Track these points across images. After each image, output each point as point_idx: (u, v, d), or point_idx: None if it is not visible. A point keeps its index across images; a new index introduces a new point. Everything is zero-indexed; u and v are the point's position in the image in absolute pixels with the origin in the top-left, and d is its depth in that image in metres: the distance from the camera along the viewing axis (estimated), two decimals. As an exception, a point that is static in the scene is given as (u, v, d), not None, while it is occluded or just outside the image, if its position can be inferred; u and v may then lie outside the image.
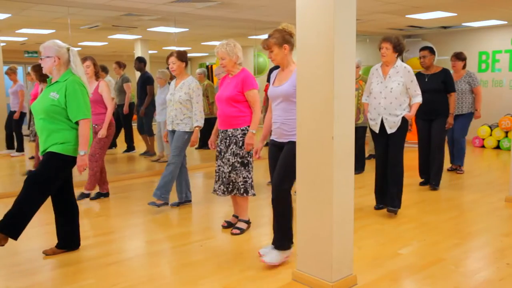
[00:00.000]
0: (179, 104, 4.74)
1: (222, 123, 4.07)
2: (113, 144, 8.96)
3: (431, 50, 5.78)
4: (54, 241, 3.98)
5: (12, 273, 3.32)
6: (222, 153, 4.09)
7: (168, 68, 5.55)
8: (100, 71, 5.34)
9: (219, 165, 4.12)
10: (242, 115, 4.00)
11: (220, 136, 4.12)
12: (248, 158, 4.05)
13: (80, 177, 5.23)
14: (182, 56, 4.75)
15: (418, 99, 4.56)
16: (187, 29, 9.24)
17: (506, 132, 9.05)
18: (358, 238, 3.91)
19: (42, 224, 4.49)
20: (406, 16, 8.14)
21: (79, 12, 7.04)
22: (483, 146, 9.35)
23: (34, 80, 8.30)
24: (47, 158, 3.43)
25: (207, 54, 13.34)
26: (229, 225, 4.31)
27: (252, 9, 7.34)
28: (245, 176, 4.03)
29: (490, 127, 9.30)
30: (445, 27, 9.90)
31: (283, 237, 3.39)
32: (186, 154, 5.07)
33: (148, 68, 8.58)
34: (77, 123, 3.48)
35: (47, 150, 3.45)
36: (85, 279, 3.20)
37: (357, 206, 4.87)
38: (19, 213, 3.34)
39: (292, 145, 3.29)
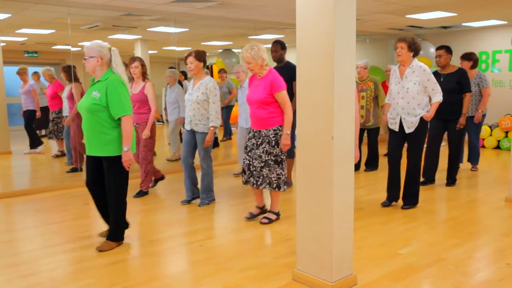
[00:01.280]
0: (196, 104, 4.80)
1: (254, 124, 4.25)
2: None
3: (448, 50, 5.72)
4: (55, 241, 3.99)
5: (12, 273, 3.32)
6: (249, 148, 4.28)
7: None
8: (146, 71, 5.50)
9: (245, 159, 4.30)
10: (273, 116, 4.16)
11: (251, 134, 4.29)
12: (282, 156, 4.22)
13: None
14: (200, 56, 4.84)
15: (437, 98, 4.61)
16: (187, 29, 9.24)
17: (506, 132, 9.05)
18: (358, 238, 3.91)
19: (43, 225, 4.49)
20: (406, 16, 8.14)
21: (79, 12, 7.04)
22: (483, 146, 9.35)
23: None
24: (107, 166, 3.67)
25: (207, 54, 13.35)
26: (252, 216, 4.47)
27: (252, 9, 7.34)
28: (279, 173, 4.21)
29: (490, 127, 9.30)
30: (445, 27, 9.91)
31: None
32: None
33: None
34: (119, 120, 3.62)
35: (99, 155, 3.65)
36: (85, 279, 3.20)
37: (357, 206, 4.87)
38: (120, 220, 3.79)
39: None
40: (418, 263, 3.40)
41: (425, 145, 6.03)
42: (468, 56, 6.43)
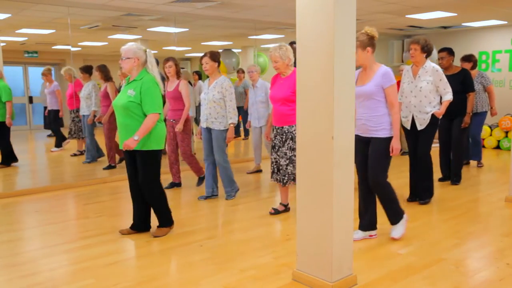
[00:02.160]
0: (213, 103, 5.00)
1: (277, 120, 4.41)
2: None
3: (450, 52, 5.92)
4: (55, 241, 3.99)
5: (12, 273, 3.32)
6: (277, 147, 4.43)
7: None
8: (180, 70, 5.68)
9: (275, 158, 4.45)
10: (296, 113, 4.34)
11: (275, 132, 4.45)
12: None
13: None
14: (214, 57, 5.02)
15: (448, 97, 4.82)
16: (187, 29, 9.24)
17: (506, 132, 9.05)
18: (358, 238, 3.91)
19: (43, 225, 4.49)
20: (406, 16, 8.14)
21: (79, 12, 7.04)
22: (483, 146, 9.35)
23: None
24: (141, 160, 3.88)
25: (207, 54, 13.29)
26: (276, 212, 4.67)
27: (252, 9, 7.34)
28: None
29: (490, 127, 9.30)
30: (445, 27, 9.90)
31: (394, 214, 3.89)
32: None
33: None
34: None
35: (135, 149, 3.84)
36: (85, 279, 3.20)
37: (357, 206, 4.87)
38: (162, 208, 4.02)
39: (378, 141, 3.70)
40: (418, 263, 3.40)
41: (437, 145, 6.22)
42: (468, 58, 6.79)
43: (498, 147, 9.17)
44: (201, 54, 5.08)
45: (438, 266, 3.35)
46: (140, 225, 4.13)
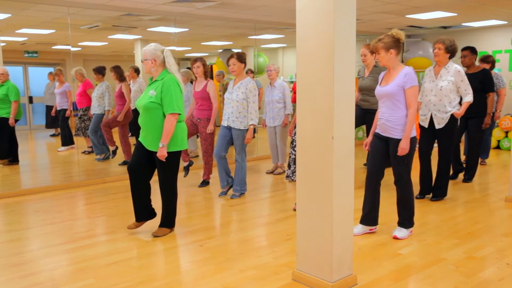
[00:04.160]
0: (235, 103, 5.08)
1: None
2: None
3: (473, 50, 5.96)
4: (55, 241, 3.99)
5: (12, 273, 3.32)
6: (294, 143, 4.45)
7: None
8: (208, 71, 5.73)
9: (291, 153, 4.47)
10: None
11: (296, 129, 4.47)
12: None
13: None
14: (241, 58, 5.13)
15: (469, 98, 4.87)
16: (187, 29, 9.24)
17: (506, 132, 9.05)
18: (358, 238, 3.91)
19: (43, 225, 4.49)
20: (406, 16, 8.14)
21: (79, 12, 7.04)
22: (483, 146, 9.35)
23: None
24: (160, 161, 3.89)
25: (207, 54, 13.35)
26: None
27: (252, 9, 7.34)
28: None
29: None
30: (445, 27, 9.90)
31: (407, 216, 3.93)
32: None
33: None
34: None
35: (153, 150, 3.90)
36: (85, 279, 3.20)
37: (357, 206, 4.87)
38: (171, 209, 4.09)
39: (397, 142, 3.77)
40: (418, 263, 3.40)
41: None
42: (486, 59, 6.76)
43: (498, 147, 9.16)
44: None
45: (438, 266, 3.35)
46: (146, 214, 4.11)
